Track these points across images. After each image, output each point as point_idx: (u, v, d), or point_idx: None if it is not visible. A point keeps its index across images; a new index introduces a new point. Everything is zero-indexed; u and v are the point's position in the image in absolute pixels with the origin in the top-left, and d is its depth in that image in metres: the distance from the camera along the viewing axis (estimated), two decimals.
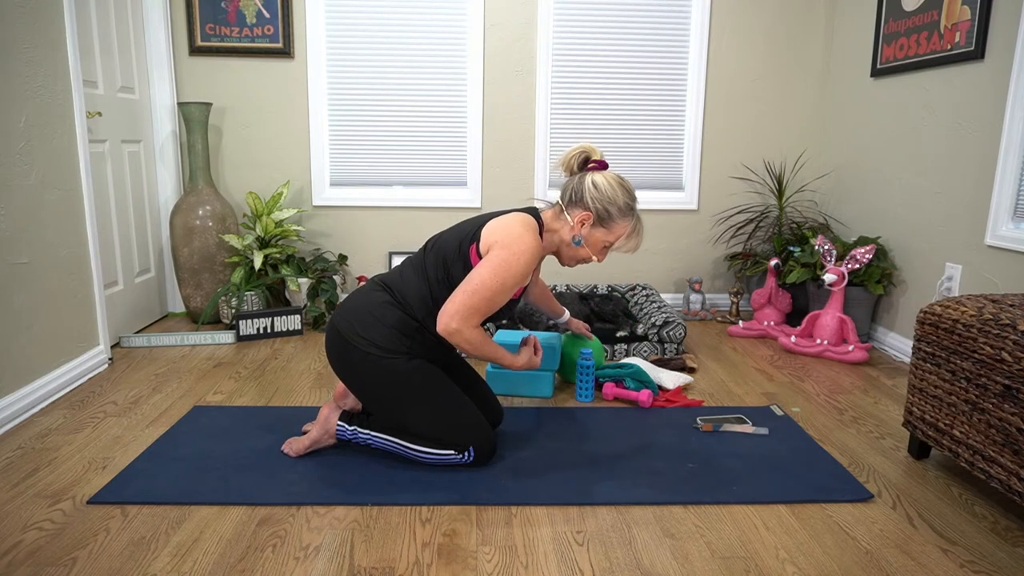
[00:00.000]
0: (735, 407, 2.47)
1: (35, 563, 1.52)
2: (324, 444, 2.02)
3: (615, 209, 1.87)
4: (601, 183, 1.88)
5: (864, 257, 3.03)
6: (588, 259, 1.97)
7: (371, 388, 1.89)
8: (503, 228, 1.82)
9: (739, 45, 3.72)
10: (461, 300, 1.77)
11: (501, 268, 1.76)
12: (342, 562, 1.55)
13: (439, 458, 1.94)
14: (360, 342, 1.87)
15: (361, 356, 1.86)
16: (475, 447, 1.92)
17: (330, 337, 1.94)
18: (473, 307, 1.77)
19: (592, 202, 1.87)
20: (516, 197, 3.80)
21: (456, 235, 1.92)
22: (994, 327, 1.74)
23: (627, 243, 1.93)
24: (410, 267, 1.96)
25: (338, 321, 1.92)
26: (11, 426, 2.22)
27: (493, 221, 1.87)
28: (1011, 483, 1.69)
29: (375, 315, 1.88)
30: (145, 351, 3.02)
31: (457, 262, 1.87)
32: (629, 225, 1.90)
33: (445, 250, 1.90)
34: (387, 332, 1.86)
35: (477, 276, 1.77)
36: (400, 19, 3.61)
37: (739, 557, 1.59)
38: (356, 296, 1.97)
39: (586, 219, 1.88)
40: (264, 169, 3.71)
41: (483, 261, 1.80)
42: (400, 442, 1.94)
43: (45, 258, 2.45)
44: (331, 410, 2.01)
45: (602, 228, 1.90)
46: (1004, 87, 2.53)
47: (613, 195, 1.87)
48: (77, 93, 2.63)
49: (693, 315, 3.75)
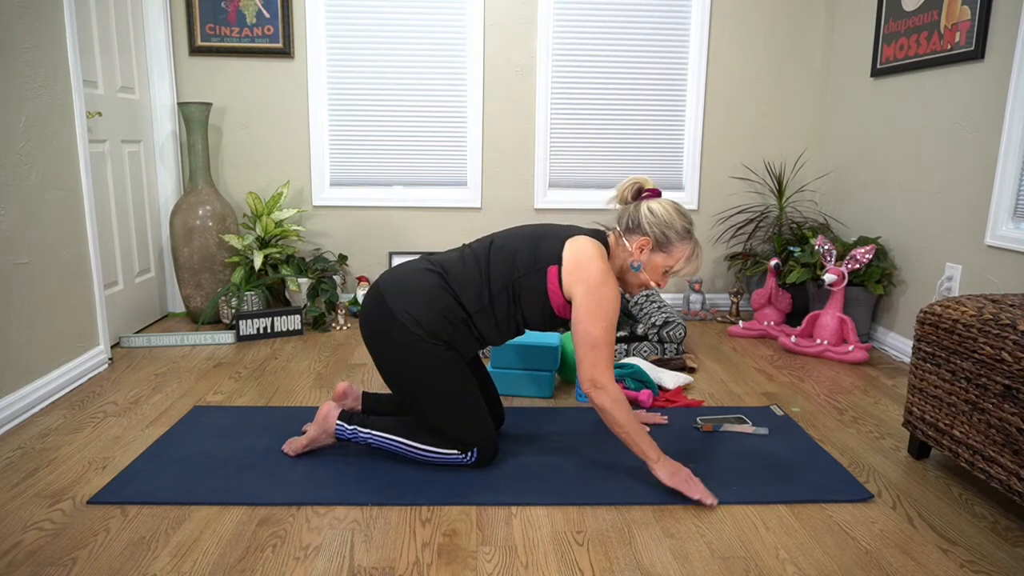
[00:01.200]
0: (735, 407, 2.47)
1: (35, 563, 1.52)
2: (322, 443, 2.02)
3: (673, 233, 1.88)
4: (657, 209, 1.88)
5: (864, 257, 3.03)
6: (648, 285, 1.95)
7: (400, 366, 1.87)
8: (585, 263, 1.82)
9: (739, 45, 3.72)
10: (592, 359, 1.80)
11: (599, 312, 1.80)
12: (342, 562, 1.55)
13: (441, 457, 1.94)
14: (406, 318, 1.84)
15: (401, 332, 1.84)
16: (480, 448, 1.92)
17: (374, 305, 1.90)
18: (605, 359, 1.81)
19: (650, 227, 1.88)
20: (516, 197, 3.80)
21: (530, 243, 1.89)
22: (994, 327, 1.74)
23: (687, 266, 1.93)
24: (472, 258, 1.92)
25: (386, 291, 1.89)
26: (11, 426, 2.22)
27: (573, 247, 1.85)
28: (1011, 483, 1.69)
29: (426, 296, 1.86)
30: (145, 351, 3.02)
31: (530, 275, 1.86)
32: (688, 248, 1.90)
33: (516, 255, 1.88)
34: (435, 316, 1.84)
35: (588, 333, 1.79)
36: (400, 19, 3.61)
37: (739, 557, 1.59)
38: (407, 271, 1.92)
39: (645, 244, 1.88)
40: (264, 169, 3.71)
41: (581, 315, 1.80)
42: (402, 440, 1.94)
43: (45, 258, 2.45)
44: (330, 409, 2.00)
45: (661, 253, 1.90)
46: (1004, 87, 2.53)
47: (670, 220, 1.88)
48: (77, 93, 2.63)
49: (693, 315, 3.75)
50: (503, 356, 2.53)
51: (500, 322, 1.91)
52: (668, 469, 1.83)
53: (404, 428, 1.96)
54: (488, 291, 1.88)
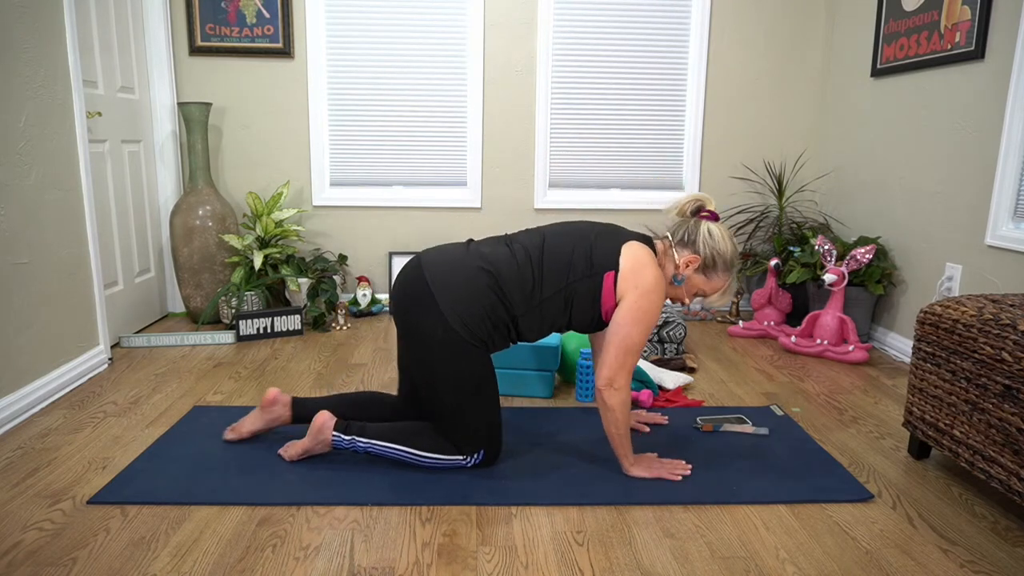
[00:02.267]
0: (735, 407, 2.47)
1: (35, 563, 1.52)
2: (318, 452, 2.00)
3: (722, 261, 1.88)
4: (716, 233, 1.88)
5: (864, 257, 3.03)
6: (680, 300, 1.96)
7: (430, 357, 1.84)
8: (641, 271, 1.83)
9: (739, 45, 3.72)
10: (621, 361, 1.82)
11: (646, 321, 1.82)
12: (342, 562, 1.55)
13: (443, 463, 1.93)
14: (449, 312, 1.81)
15: (443, 325, 1.81)
16: (487, 451, 1.93)
17: (415, 288, 1.85)
18: (632, 364, 1.84)
19: (704, 247, 1.87)
20: (516, 197, 3.80)
21: (585, 244, 1.87)
22: (994, 327, 1.74)
23: (720, 298, 1.95)
24: (524, 258, 1.87)
25: (433, 281, 1.84)
26: (11, 426, 2.22)
27: (628, 252, 1.85)
28: (1011, 483, 1.69)
29: (476, 297, 1.82)
30: (145, 351, 3.02)
31: (585, 279, 1.85)
32: (727, 281, 1.92)
33: (572, 259, 1.86)
34: (479, 315, 1.82)
35: (629, 336, 1.81)
36: (400, 19, 3.61)
37: (739, 557, 1.59)
38: (457, 265, 1.86)
39: (693, 262, 1.88)
40: (264, 169, 3.71)
41: (628, 318, 1.80)
42: (403, 449, 1.92)
43: (45, 258, 2.45)
44: (325, 420, 1.95)
45: (703, 276, 1.90)
46: (1004, 87, 2.53)
47: (724, 247, 1.88)
48: (77, 93, 2.63)
49: (693, 315, 3.75)
50: (503, 356, 2.53)
51: (544, 323, 1.89)
52: (643, 465, 1.94)
53: (403, 436, 1.94)
54: (540, 294, 1.85)
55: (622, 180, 3.85)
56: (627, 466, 1.93)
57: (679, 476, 1.92)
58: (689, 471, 1.95)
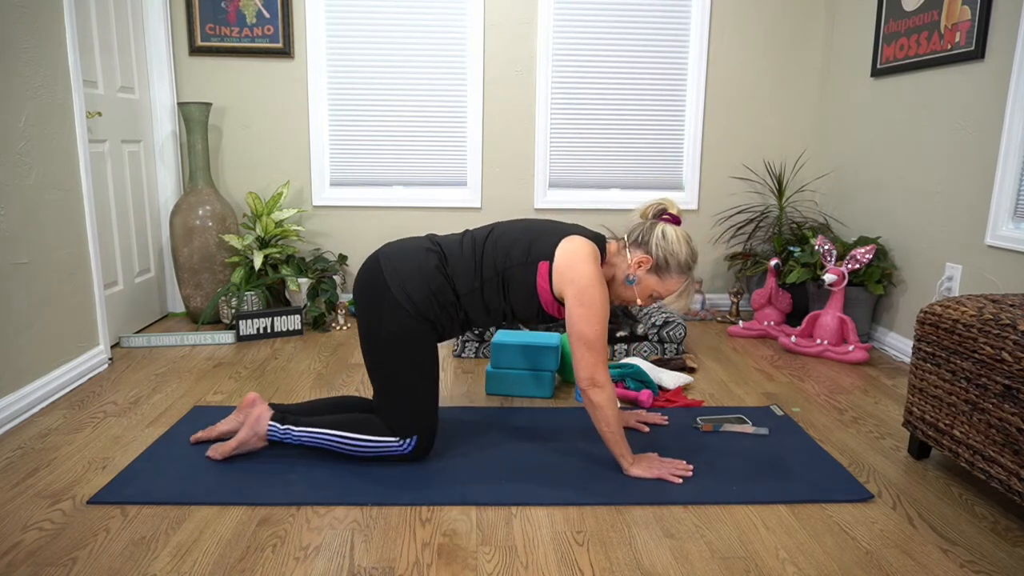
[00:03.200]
0: (735, 407, 2.47)
1: (35, 563, 1.52)
2: (252, 447, 2.00)
3: (675, 262, 1.90)
4: (670, 234, 1.90)
5: (864, 257, 3.03)
6: (633, 301, 1.98)
7: (380, 336, 1.89)
8: (576, 265, 1.85)
9: (739, 45, 3.72)
10: (590, 359, 1.83)
11: (593, 315, 1.83)
12: (342, 562, 1.55)
13: (377, 448, 1.94)
14: (400, 293, 1.88)
15: (393, 305, 1.88)
16: (420, 435, 1.94)
17: (370, 274, 1.93)
18: (602, 358, 1.85)
19: (656, 248, 1.90)
20: (516, 197, 3.80)
21: (528, 236, 1.92)
22: (994, 327, 1.74)
23: (676, 300, 1.95)
24: (470, 244, 1.95)
25: (385, 264, 1.93)
26: (11, 426, 2.22)
27: (566, 245, 1.88)
28: (1011, 483, 1.69)
29: (421, 273, 1.90)
30: (145, 351, 3.02)
31: (521, 266, 1.89)
32: (682, 283, 1.93)
33: (512, 247, 1.91)
34: (426, 294, 1.88)
35: (583, 334, 1.83)
36: (400, 19, 3.61)
37: (739, 557, 1.59)
38: (409, 248, 1.96)
39: (644, 262, 1.90)
40: (264, 169, 3.71)
41: (574, 316, 1.83)
42: (335, 434, 1.94)
43: (45, 258, 2.45)
44: (262, 412, 1.99)
45: (656, 277, 1.92)
46: (1004, 87, 2.53)
47: (678, 248, 1.89)
48: (77, 93, 2.63)
49: (693, 315, 3.75)
50: (503, 356, 2.54)
51: (488, 307, 1.94)
52: (643, 465, 1.94)
53: (336, 423, 1.96)
54: (480, 276, 1.91)
55: (622, 180, 3.85)
56: (626, 466, 1.93)
57: (679, 479, 1.91)
58: (691, 472, 1.95)
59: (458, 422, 2.31)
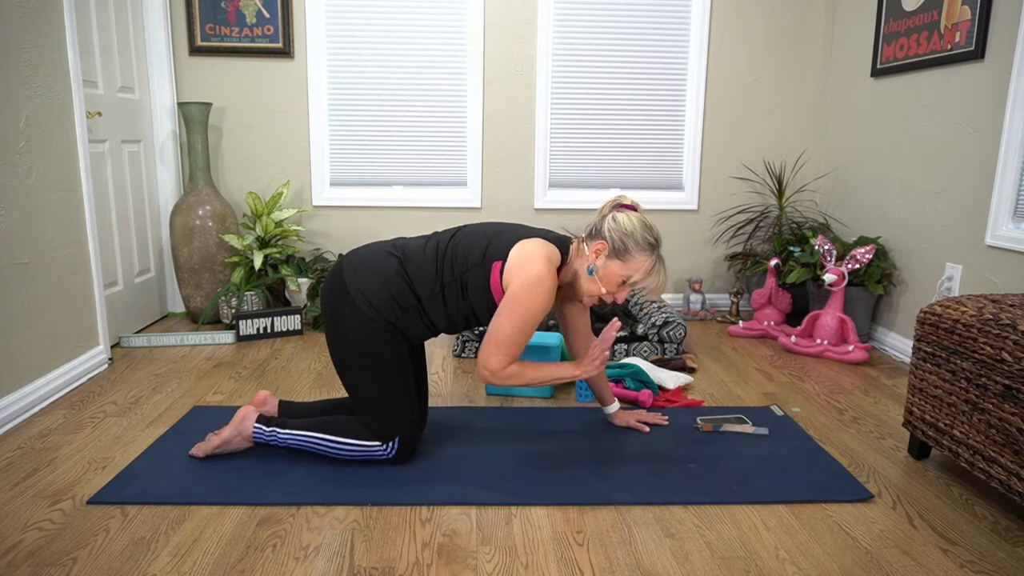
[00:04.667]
0: (735, 407, 2.47)
1: (35, 563, 1.52)
2: (236, 447, 2.00)
3: (631, 242, 1.86)
4: (621, 218, 1.88)
5: (864, 257, 3.03)
6: (599, 293, 1.92)
7: (345, 341, 1.89)
8: (526, 265, 1.82)
9: (739, 45, 3.72)
10: (491, 350, 1.82)
11: (520, 313, 1.80)
12: (342, 562, 1.55)
13: (361, 452, 1.94)
14: (359, 297, 1.87)
15: (352, 308, 1.87)
16: (401, 440, 1.94)
17: (333, 280, 1.94)
18: (505, 354, 1.82)
19: (609, 232, 1.87)
20: (516, 197, 3.80)
21: (485, 238, 1.91)
22: (994, 327, 1.74)
23: (646, 280, 1.89)
24: (433, 247, 1.94)
25: (346, 269, 1.93)
26: (11, 426, 2.22)
27: (521, 247, 1.86)
28: (1011, 483, 1.69)
29: (381, 278, 1.89)
30: (145, 351, 3.02)
31: (477, 268, 1.88)
32: (648, 261, 1.87)
33: (470, 250, 1.90)
34: (386, 299, 1.88)
35: (500, 327, 1.81)
36: (400, 19, 3.61)
37: (739, 557, 1.59)
38: (370, 252, 1.95)
39: (601, 249, 1.87)
40: (264, 169, 3.71)
41: (503, 307, 1.81)
42: (320, 437, 1.94)
43: (45, 258, 2.45)
44: (248, 412, 2.00)
45: (618, 260, 1.87)
46: (1004, 87, 2.53)
47: (631, 229, 1.86)
48: (77, 93, 2.63)
49: (693, 315, 3.75)
50: None
51: (451, 312, 1.93)
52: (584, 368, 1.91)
53: (322, 426, 1.96)
54: (440, 281, 1.90)
55: (622, 180, 3.85)
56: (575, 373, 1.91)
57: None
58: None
59: (458, 422, 2.31)
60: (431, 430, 2.23)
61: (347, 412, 2.11)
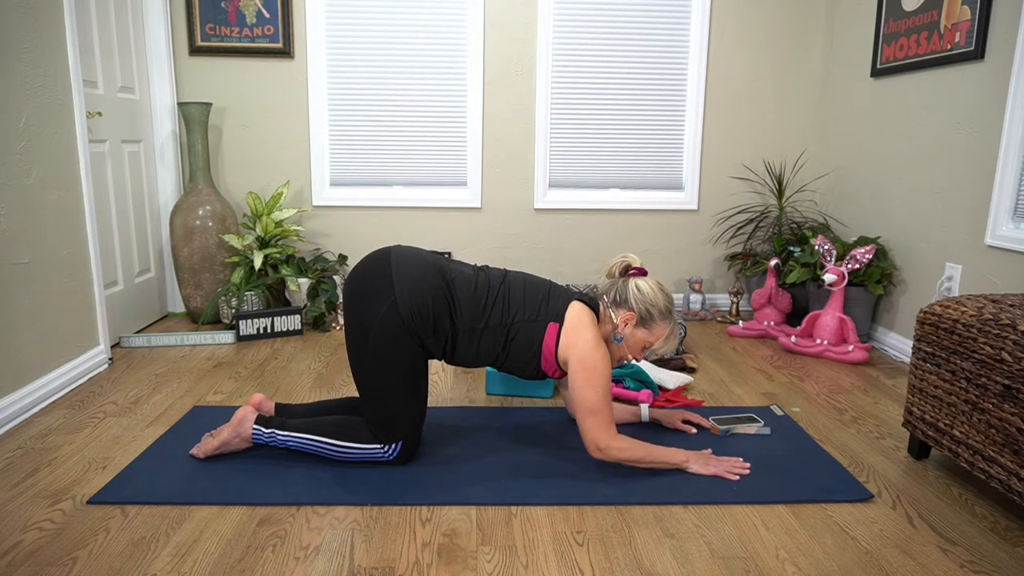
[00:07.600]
0: (735, 407, 2.47)
1: (35, 563, 1.52)
2: (235, 447, 2.00)
3: (656, 312, 1.97)
4: (645, 287, 1.98)
5: (864, 257, 3.03)
6: (627, 358, 2.03)
7: (370, 331, 1.87)
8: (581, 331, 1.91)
9: (739, 45, 3.72)
10: (592, 424, 1.88)
11: (597, 378, 1.88)
12: (342, 562, 1.55)
13: (360, 454, 1.94)
14: (402, 299, 1.85)
15: (391, 308, 1.85)
16: (405, 442, 1.94)
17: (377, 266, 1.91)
18: (605, 422, 1.89)
19: (636, 304, 1.97)
20: (516, 197, 3.80)
21: (539, 294, 1.97)
22: (994, 327, 1.74)
23: (664, 344, 2.03)
24: (484, 286, 1.95)
25: (396, 263, 1.91)
26: (11, 426, 2.22)
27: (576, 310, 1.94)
28: (1011, 483, 1.69)
29: (431, 294, 1.88)
30: (145, 351, 3.02)
31: (532, 323, 1.92)
32: (668, 327, 2.00)
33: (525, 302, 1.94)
34: (427, 314, 1.87)
35: (586, 399, 1.87)
36: (400, 19, 3.61)
37: (739, 557, 1.59)
38: (424, 262, 1.93)
39: (630, 319, 1.97)
40: (264, 169, 3.71)
41: (576, 380, 1.88)
42: (321, 439, 1.94)
43: (45, 258, 2.45)
44: (247, 413, 2.00)
45: (644, 329, 1.99)
46: (1004, 87, 2.53)
47: (655, 298, 1.98)
48: (77, 93, 2.63)
49: (693, 315, 3.75)
50: None
51: (481, 351, 1.95)
52: (700, 462, 1.97)
53: (322, 428, 1.96)
54: (484, 321, 1.92)
55: (622, 180, 3.85)
56: (682, 464, 1.96)
57: (737, 476, 1.95)
58: (748, 470, 1.98)
59: (458, 422, 2.31)
60: (431, 430, 2.23)
61: (346, 412, 2.11)
